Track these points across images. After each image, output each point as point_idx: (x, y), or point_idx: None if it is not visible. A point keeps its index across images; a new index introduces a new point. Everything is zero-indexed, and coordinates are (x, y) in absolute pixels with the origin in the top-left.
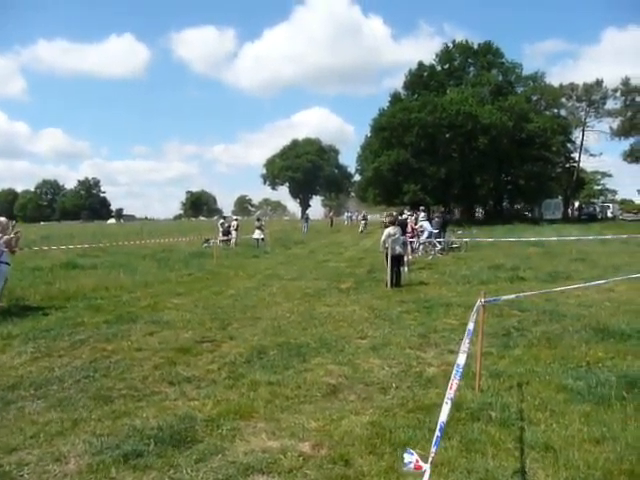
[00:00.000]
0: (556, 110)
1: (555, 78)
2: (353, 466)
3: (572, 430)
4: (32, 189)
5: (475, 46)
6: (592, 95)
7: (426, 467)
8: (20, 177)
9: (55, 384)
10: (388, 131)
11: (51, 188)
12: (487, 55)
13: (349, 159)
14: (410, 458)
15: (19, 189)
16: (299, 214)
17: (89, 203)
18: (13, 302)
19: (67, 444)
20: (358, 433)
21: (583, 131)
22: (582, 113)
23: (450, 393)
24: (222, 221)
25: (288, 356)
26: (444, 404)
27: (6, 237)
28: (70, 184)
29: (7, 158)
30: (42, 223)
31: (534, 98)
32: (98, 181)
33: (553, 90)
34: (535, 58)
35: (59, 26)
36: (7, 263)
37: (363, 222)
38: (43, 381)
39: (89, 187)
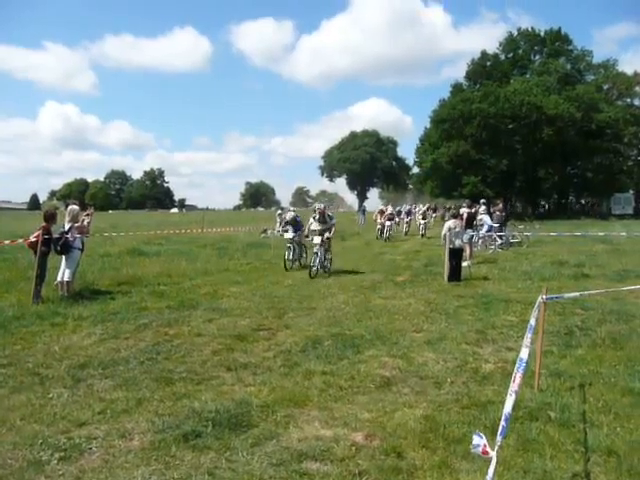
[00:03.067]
0: (629, 99)
1: (628, 65)
2: (406, 459)
3: (638, 435)
4: (102, 179)
5: (542, 33)
6: None
7: (492, 454)
8: (90, 167)
9: (121, 364)
10: (448, 122)
11: (119, 178)
12: (555, 43)
13: (407, 150)
14: (479, 441)
15: (89, 179)
16: (356, 206)
17: (154, 193)
18: (84, 286)
19: (132, 422)
20: (411, 426)
21: None
22: None
23: (514, 386)
24: (280, 212)
25: (342, 347)
26: (508, 395)
27: (77, 224)
28: (136, 174)
29: (79, 149)
30: (110, 212)
31: (605, 87)
32: (162, 172)
33: (626, 78)
34: (605, 44)
35: (125, 21)
36: (80, 249)
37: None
38: (110, 361)
39: (154, 177)
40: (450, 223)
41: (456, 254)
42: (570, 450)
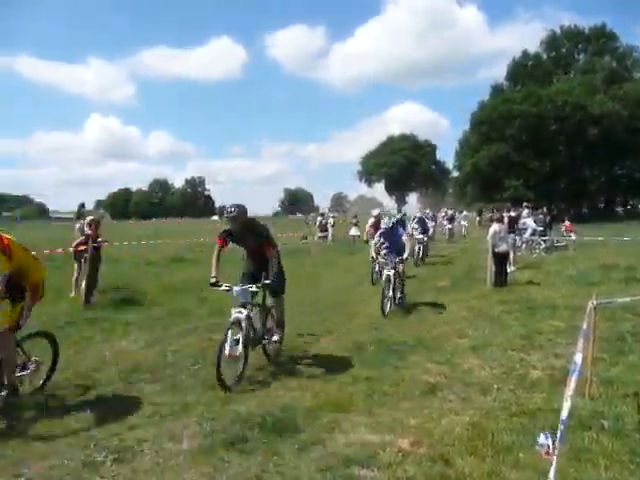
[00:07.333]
0: None
1: None
2: (453, 466)
3: None
4: (145, 188)
5: (586, 31)
6: None
7: (552, 458)
8: (131, 177)
9: (168, 369)
10: (487, 125)
11: (161, 187)
12: (599, 40)
13: (446, 153)
14: (544, 441)
15: (133, 188)
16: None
17: (195, 201)
18: (130, 293)
19: (180, 425)
20: (458, 433)
21: None
22: None
23: (569, 390)
24: (320, 218)
25: (385, 352)
26: (564, 401)
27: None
28: (177, 183)
29: (121, 160)
30: (153, 219)
31: None
32: (203, 179)
33: None
34: None
35: (162, 34)
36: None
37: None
38: (157, 366)
39: (195, 185)
40: (495, 227)
41: (502, 259)
42: (625, 461)
